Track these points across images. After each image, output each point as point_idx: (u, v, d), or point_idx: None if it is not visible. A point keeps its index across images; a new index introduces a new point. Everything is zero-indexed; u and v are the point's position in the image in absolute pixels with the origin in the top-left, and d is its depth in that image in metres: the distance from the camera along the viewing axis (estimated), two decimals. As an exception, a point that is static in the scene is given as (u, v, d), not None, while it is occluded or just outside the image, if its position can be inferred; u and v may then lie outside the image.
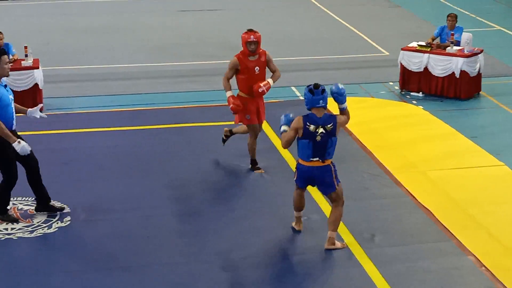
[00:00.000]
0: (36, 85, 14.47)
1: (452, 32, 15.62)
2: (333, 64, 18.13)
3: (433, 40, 15.79)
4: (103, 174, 11.09)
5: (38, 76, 14.48)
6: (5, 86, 9.18)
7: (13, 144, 8.95)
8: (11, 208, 9.87)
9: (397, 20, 22.95)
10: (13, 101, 9.28)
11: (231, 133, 11.72)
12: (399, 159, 11.77)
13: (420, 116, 14.03)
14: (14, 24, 21.71)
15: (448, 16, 15.73)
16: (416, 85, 15.75)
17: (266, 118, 13.30)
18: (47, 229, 9.33)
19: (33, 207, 9.84)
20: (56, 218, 9.58)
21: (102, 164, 11.44)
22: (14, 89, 14.20)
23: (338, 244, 8.90)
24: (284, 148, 8.85)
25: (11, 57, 14.74)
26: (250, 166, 11.23)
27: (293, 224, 9.31)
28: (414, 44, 15.99)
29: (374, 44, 19.98)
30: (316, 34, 21.23)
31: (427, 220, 9.74)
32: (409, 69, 15.73)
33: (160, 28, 22.14)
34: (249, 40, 10.76)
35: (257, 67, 10.84)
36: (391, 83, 16.46)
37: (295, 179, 8.93)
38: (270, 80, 10.92)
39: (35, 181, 9.54)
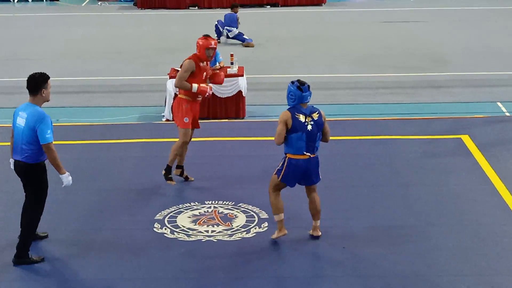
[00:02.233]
0: (239, 92, 14.81)
1: None
2: (544, 80, 17.39)
3: None
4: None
5: (242, 83, 14.82)
6: None
7: (63, 175, 8.69)
8: (212, 211, 10.15)
9: None
10: None
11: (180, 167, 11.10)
12: None
13: None
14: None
15: None
16: None
17: (466, 132, 13.00)
18: (246, 233, 9.49)
19: (233, 211, 10.06)
20: (254, 224, 9.74)
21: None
22: (219, 96, 14.65)
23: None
24: (278, 144, 8.98)
25: (217, 64, 15.19)
26: (163, 172, 10.85)
27: (277, 233, 9.18)
28: None
29: None
30: (526, 48, 20.46)
31: None
32: None
33: (364, 39, 22.13)
34: (209, 46, 10.56)
35: (204, 72, 10.72)
36: None
37: (280, 178, 9.01)
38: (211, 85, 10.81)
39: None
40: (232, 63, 15.00)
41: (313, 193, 9.25)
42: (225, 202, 10.41)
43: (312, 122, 8.95)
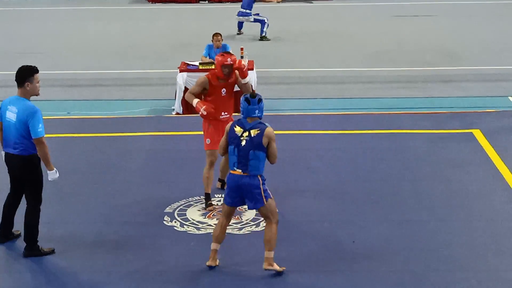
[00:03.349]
0: (250, 86, 14.76)
1: None
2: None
3: None
4: (312, 176, 11.11)
5: (252, 77, 14.77)
6: None
7: (50, 171, 8.61)
8: (221, 204, 10.10)
9: None
10: None
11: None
12: None
13: None
14: (232, 26, 22.30)
15: None
16: None
17: (477, 127, 12.93)
18: (255, 227, 9.46)
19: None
20: (264, 217, 9.70)
21: (312, 167, 11.46)
22: (230, 89, 14.61)
23: (276, 266, 8.33)
24: (221, 154, 8.70)
25: (228, 58, 15.13)
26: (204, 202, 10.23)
27: (209, 262, 8.48)
28: None
29: None
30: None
31: None
32: None
33: (375, 33, 22.04)
34: (225, 63, 10.09)
35: (224, 89, 10.20)
36: None
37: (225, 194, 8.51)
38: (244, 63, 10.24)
39: (14, 207, 9.04)
40: (242, 57, 14.93)
41: (266, 221, 8.45)
42: (235, 195, 10.38)
43: (247, 138, 8.32)
